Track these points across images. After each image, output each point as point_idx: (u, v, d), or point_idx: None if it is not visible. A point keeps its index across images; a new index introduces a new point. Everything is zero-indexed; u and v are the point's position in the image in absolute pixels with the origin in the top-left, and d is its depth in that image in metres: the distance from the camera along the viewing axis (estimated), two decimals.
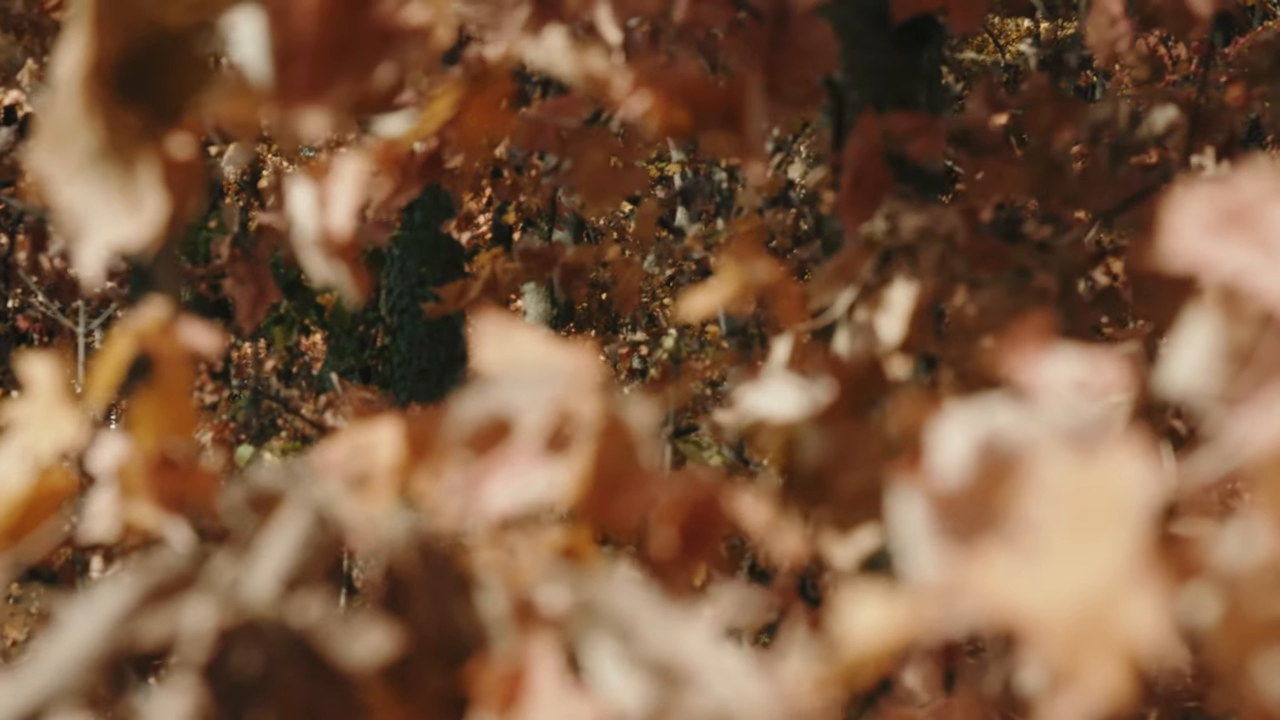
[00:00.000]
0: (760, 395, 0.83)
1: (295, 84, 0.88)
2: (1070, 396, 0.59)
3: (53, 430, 0.87)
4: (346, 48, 0.90)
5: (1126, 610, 0.55)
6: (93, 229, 0.86)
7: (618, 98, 1.07)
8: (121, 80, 0.85)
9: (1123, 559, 0.54)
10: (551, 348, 0.76)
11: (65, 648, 0.62)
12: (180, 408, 0.86)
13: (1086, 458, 0.55)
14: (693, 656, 0.61)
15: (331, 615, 0.64)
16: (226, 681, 0.62)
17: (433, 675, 0.65)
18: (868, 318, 1.26)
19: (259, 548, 0.66)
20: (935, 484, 0.59)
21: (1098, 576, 0.54)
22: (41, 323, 6.03)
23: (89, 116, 0.85)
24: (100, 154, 0.85)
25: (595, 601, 0.64)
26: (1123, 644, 0.54)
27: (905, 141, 1.62)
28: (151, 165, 0.86)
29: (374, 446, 0.75)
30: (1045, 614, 0.54)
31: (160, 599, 0.64)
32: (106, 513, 0.86)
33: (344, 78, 0.90)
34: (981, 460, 0.58)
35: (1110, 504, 0.55)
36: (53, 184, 0.86)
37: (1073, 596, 0.54)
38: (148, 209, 0.86)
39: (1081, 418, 0.57)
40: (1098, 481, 0.55)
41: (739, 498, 0.77)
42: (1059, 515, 0.56)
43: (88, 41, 0.85)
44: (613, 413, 0.70)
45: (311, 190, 1.06)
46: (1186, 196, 0.60)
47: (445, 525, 0.69)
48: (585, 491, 0.71)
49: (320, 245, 1.06)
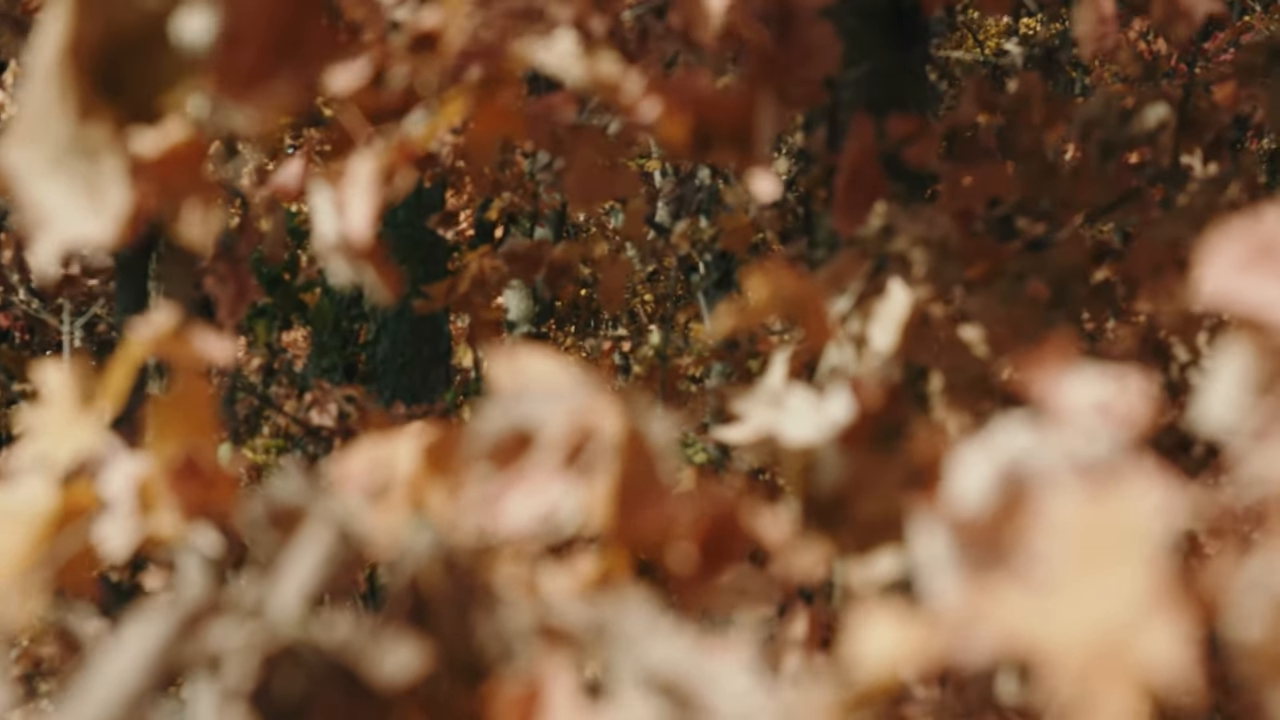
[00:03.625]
0: (778, 415, 0.82)
1: (237, 69, 0.87)
2: (1090, 420, 0.59)
3: (70, 439, 0.87)
4: (293, 39, 0.89)
5: (1143, 639, 0.55)
6: (54, 223, 0.85)
7: (628, 104, 1.07)
8: (98, 76, 0.84)
9: (1139, 589, 0.54)
10: (563, 366, 0.76)
11: (105, 684, 0.62)
12: (200, 414, 0.86)
13: (1101, 489, 0.56)
14: (704, 678, 0.61)
15: (361, 632, 0.64)
16: (271, 705, 0.62)
17: (459, 693, 0.65)
18: (861, 327, 1.25)
19: (282, 565, 0.66)
20: (954, 512, 0.59)
21: (1112, 607, 0.54)
22: (23, 320, 6.00)
23: (62, 105, 0.84)
24: (69, 147, 0.84)
25: (608, 622, 0.64)
26: (1139, 673, 0.54)
27: (903, 145, 1.63)
28: (118, 161, 0.84)
29: (392, 460, 0.75)
30: (1059, 644, 0.55)
31: (196, 625, 0.64)
32: (126, 525, 0.85)
33: (287, 70, 0.89)
34: (1000, 490, 0.58)
35: (1126, 535, 0.55)
36: (19, 177, 0.85)
37: (1087, 627, 0.55)
38: (110, 206, 0.85)
39: (1100, 444, 0.57)
40: (1113, 513, 0.56)
41: (759, 514, 0.77)
42: (1071, 548, 0.56)
43: (66, 23, 0.84)
44: (634, 427, 0.70)
45: (329, 194, 1.06)
46: (1222, 234, 0.60)
47: (465, 541, 0.68)
48: (610, 508, 0.71)
49: (341, 249, 1.05)
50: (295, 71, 0.89)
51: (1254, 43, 2.46)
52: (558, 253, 3.57)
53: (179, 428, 0.86)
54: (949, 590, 0.59)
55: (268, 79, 0.88)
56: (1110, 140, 1.92)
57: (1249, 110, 2.74)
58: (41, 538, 0.83)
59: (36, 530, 0.84)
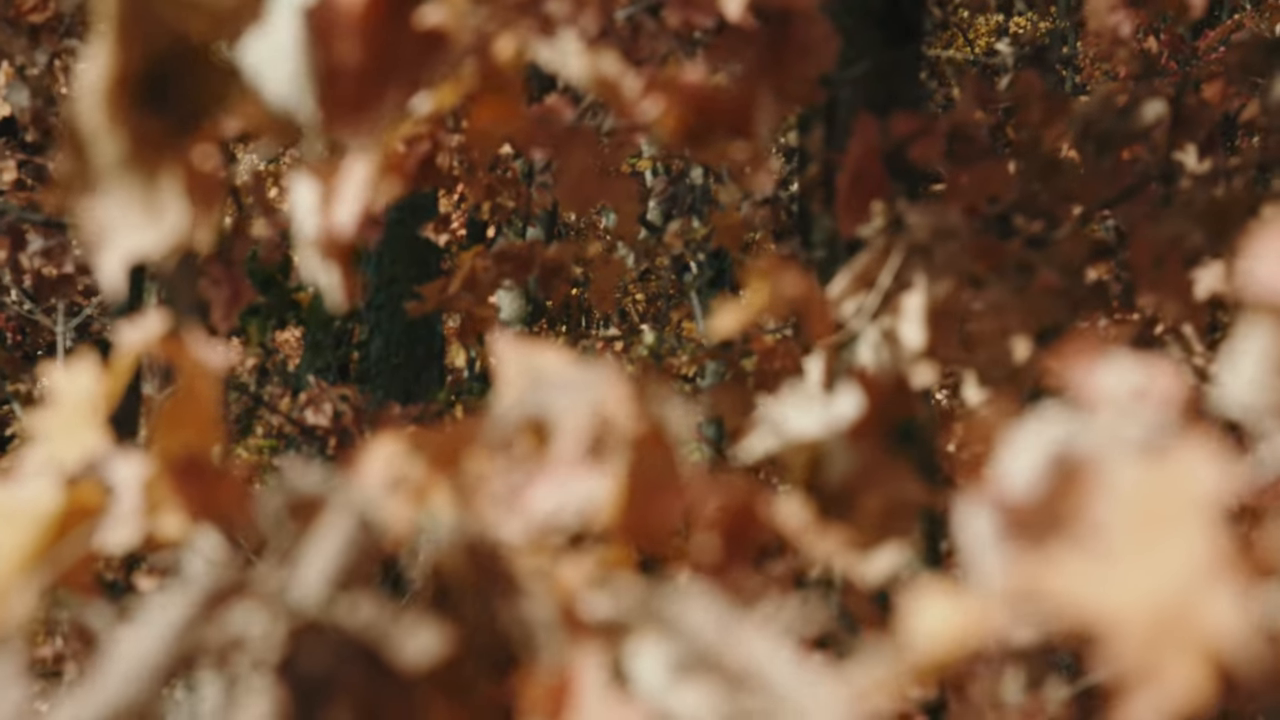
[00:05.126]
0: (787, 413, 0.83)
1: (343, 103, 0.88)
2: (1129, 404, 0.60)
3: (77, 442, 0.86)
4: (393, 56, 0.89)
5: (1204, 608, 0.55)
6: (114, 238, 0.85)
7: (629, 102, 1.07)
8: (144, 90, 0.85)
9: (1198, 557, 0.54)
10: (574, 362, 0.76)
11: (129, 660, 0.62)
12: (204, 414, 0.86)
13: (1157, 460, 0.56)
14: (760, 661, 0.61)
15: (383, 615, 0.64)
16: (296, 683, 0.62)
17: (482, 681, 0.65)
18: (891, 324, 1.26)
19: (304, 552, 0.66)
20: (1003, 493, 0.59)
21: (1174, 575, 0.55)
22: (15, 322, 6.00)
23: (112, 127, 0.84)
24: (123, 164, 0.85)
25: (653, 606, 0.64)
26: (1201, 642, 0.54)
27: (906, 142, 1.63)
28: (174, 175, 0.85)
29: (410, 452, 0.75)
30: (1122, 614, 0.55)
31: (216, 606, 0.64)
32: (129, 524, 0.85)
33: (391, 91, 0.89)
34: (1053, 469, 0.58)
35: (1183, 504, 0.55)
36: (75, 193, 0.85)
37: (1149, 596, 0.55)
38: (169, 218, 0.86)
39: (1145, 424, 0.57)
40: (1170, 482, 0.56)
41: (777, 503, 0.77)
42: (1131, 517, 0.56)
43: (112, 52, 0.84)
44: (653, 418, 0.70)
45: (316, 189, 1.06)
46: (1269, 228, 0.61)
47: (487, 530, 0.68)
48: (624, 498, 0.71)
49: (319, 245, 1.05)
50: (400, 86, 0.90)
51: (1242, 40, 2.46)
52: (551, 253, 3.57)
53: (181, 428, 0.86)
54: (999, 567, 0.59)
55: (375, 102, 0.88)
56: (1108, 136, 1.92)
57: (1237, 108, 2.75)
58: (46, 537, 0.83)
59: (41, 529, 0.84)
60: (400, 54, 0.94)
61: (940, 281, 1.29)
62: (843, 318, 1.25)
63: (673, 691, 0.63)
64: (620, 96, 1.07)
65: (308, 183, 1.09)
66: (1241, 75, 2.40)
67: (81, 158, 0.85)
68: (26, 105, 3.56)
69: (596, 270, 3.57)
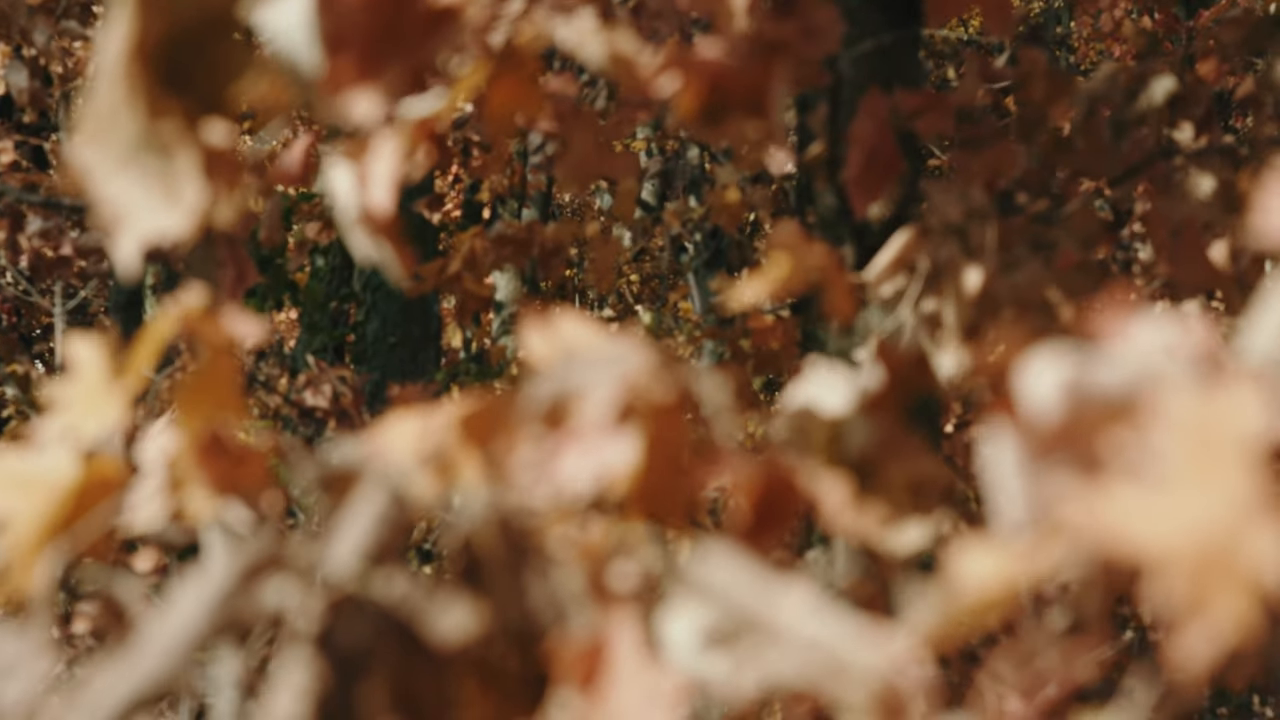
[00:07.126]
0: (809, 387, 0.83)
1: (347, 70, 0.88)
2: (1162, 356, 0.60)
3: (97, 413, 0.87)
4: (395, 30, 0.90)
5: (1250, 543, 0.55)
6: (131, 220, 0.85)
7: (644, 79, 1.07)
8: (162, 68, 0.85)
9: (1246, 492, 0.54)
10: (601, 334, 0.76)
11: (168, 632, 0.63)
12: (228, 391, 0.86)
13: (1209, 392, 0.56)
14: (799, 619, 0.62)
15: (417, 589, 0.65)
16: (334, 655, 0.63)
17: (513, 654, 0.66)
18: (934, 307, 1.25)
19: (338, 526, 0.67)
20: (1032, 424, 0.58)
21: (1223, 508, 0.54)
22: (9, 303, 5.99)
23: (131, 103, 0.84)
24: (141, 144, 0.85)
25: (688, 570, 0.65)
26: (1247, 576, 0.54)
27: (914, 119, 1.63)
28: (192, 154, 0.85)
29: (440, 428, 0.75)
30: (1171, 546, 0.54)
31: (253, 579, 0.64)
32: (154, 500, 0.85)
33: (395, 60, 0.90)
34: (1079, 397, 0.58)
35: (1232, 438, 0.55)
36: (93, 175, 0.85)
37: (1199, 528, 0.54)
38: (187, 199, 0.86)
39: (1183, 364, 0.57)
40: (1220, 415, 0.56)
41: (814, 476, 0.77)
42: (1183, 447, 0.56)
43: (130, 23, 0.84)
44: (685, 387, 0.70)
45: (350, 171, 1.06)
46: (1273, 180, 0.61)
47: (518, 501, 0.69)
48: (644, 470, 0.71)
49: (363, 223, 1.05)
50: (403, 57, 0.90)
51: (1236, 17, 2.46)
52: (550, 234, 3.57)
53: (204, 404, 0.87)
54: (1029, 501, 0.59)
55: (379, 71, 0.88)
56: (1121, 116, 1.93)
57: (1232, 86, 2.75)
58: (64, 508, 0.83)
59: (59, 499, 0.84)
60: (405, 28, 0.94)
61: (978, 263, 1.29)
62: (880, 298, 1.26)
63: (705, 656, 0.63)
64: (636, 73, 1.07)
65: (342, 166, 1.09)
66: (1237, 52, 2.41)
67: (99, 138, 0.85)
68: (24, 86, 3.56)
69: (594, 250, 3.56)
